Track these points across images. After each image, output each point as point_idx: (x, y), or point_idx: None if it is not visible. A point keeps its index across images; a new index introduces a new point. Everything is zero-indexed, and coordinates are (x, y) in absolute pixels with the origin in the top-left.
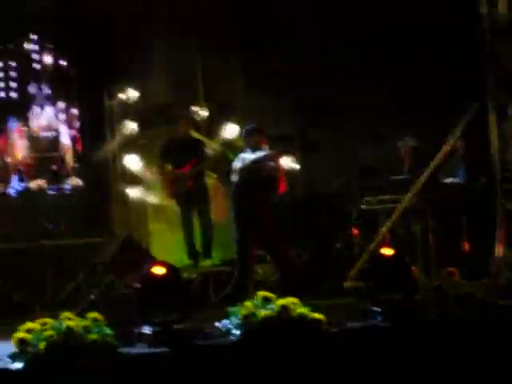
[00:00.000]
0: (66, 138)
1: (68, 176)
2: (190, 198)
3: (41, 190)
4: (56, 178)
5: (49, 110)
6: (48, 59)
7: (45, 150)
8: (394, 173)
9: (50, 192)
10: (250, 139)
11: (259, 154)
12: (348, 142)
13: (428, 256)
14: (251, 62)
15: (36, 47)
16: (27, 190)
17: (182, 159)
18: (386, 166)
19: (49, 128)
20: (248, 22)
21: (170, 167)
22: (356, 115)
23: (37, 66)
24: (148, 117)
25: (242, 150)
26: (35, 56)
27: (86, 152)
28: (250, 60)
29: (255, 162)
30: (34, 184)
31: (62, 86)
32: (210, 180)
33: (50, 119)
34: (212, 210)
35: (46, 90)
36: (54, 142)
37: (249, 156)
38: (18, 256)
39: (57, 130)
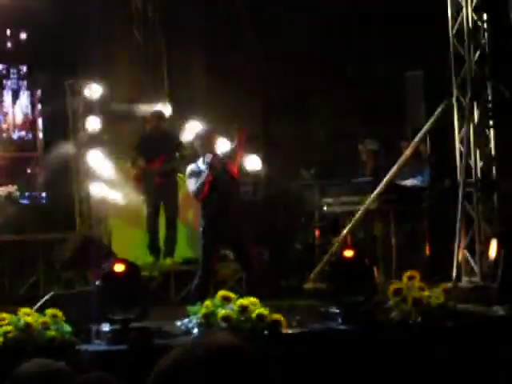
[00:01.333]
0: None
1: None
2: (157, 194)
3: (10, 199)
4: (29, 183)
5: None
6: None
7: (18, 150)
8: (356, 175)
9: (22, 201)
10: (205, 141)
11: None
12: (310, 142)
13: (389, 259)
14: (215, 60)
15: None
16: None
17: (154, 154)
18: (347, 168)
19: (24, 125)
20: (212, 19)
21: (141, 161)
22: (320, 115)
23: None
24: (111, 113)
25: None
26: None
27: (48, 148)
28: (214, 57)
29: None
30: (3, 191)
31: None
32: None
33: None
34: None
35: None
36: (30, 140)
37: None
38: None
39: (33, 127)
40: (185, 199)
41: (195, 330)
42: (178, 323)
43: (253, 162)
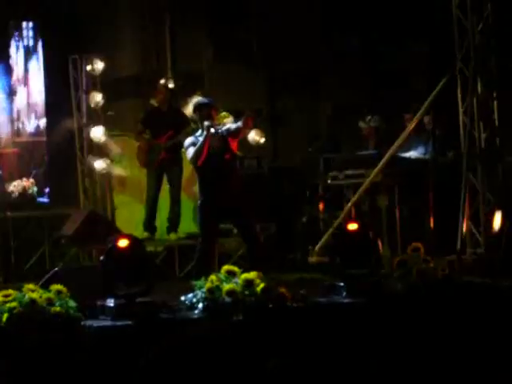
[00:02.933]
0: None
1: None
2: (161, 169)
3: (25, 195)
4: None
5: None
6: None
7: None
8: (361, 148)
9: (41, 200)
10: (204, 112)
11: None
12: (316, 115)
13: (393, 231)
14: (220, 33)
15: None
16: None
17: (160, 129)
18: (352, 141)
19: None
20: None
21: (147, 135)
22: (325, 89)
23: None
24: (115, 88)
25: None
26: None
27: (52, 124)
28: (219, 31)
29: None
30: (17, 186)
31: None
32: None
33: None
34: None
35: None
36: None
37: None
38: None
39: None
40: (190, 174)
41: (200, 305)
42: (183, 298)
43: (257, 136)
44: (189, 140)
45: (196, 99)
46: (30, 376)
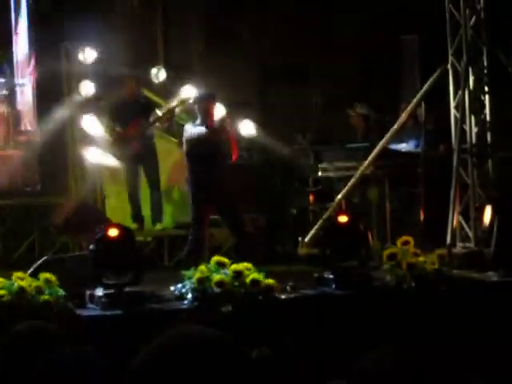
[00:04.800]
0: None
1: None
2: (137, 159)
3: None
4: None
5: None
6: None
7: None
8: (350, 140)
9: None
10: (200, 105)
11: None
12: (306, 107)
13: (384, 224)
14: (212, 24)
15: None
16: None
17: (128, 120)
18: (342, 133)
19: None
20: None
21: (118, 128)
22: (316, 80)
23: None
24: (107, 78)
25: (194, 117)
26: None
27: (42, 113)
28: (211, 21)
29: (205, 133)
30: None
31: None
32: (169, 144)
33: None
34: (166, 173)
35: None
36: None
37: (198, 128)
38: None
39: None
40: (178, 163)
41: (189, 295)
42: (172, 288)
43: (247, 128)
44: (186, 127)
45: (197, 91)
46: (20, 365)
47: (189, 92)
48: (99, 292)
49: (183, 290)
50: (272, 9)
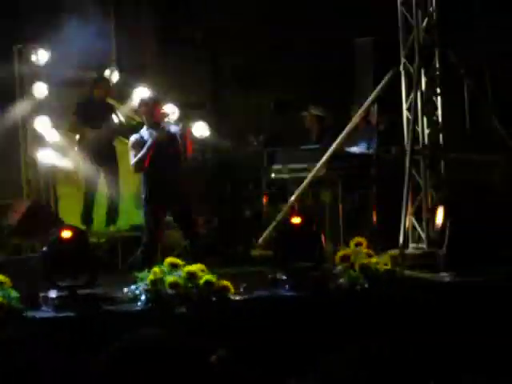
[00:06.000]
0: None
1: None
2: (98, 161)
3: None
4: None
5: None
6: None
7: None
8: (304, 142)
9: None
10: (146, 109)
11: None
12: (259, 109)
13: (337, 226)
14: (164, 25)
15: None
16: None
17: (93, 122)
18: (295, 135)
19: None
20: None
21: (82, 128)
22: (269, 82)
23: None
24: (59, 79)
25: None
26: None
27: None
28: (163, 23)
29: (156, 135)
30: None
31: None
32: (124, 146)
33: None
34: (122, 175)
35: None
36: None
37: (147, 132)
38: None
39: None
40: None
41: (142, 297)
42: (126, 290)
43: (201, 129)
44: (133, 138)
45: (144, 95)
46: None
47: (143, 94)
48: (52, 294)
49: (137, 292)
50: (222, 10)
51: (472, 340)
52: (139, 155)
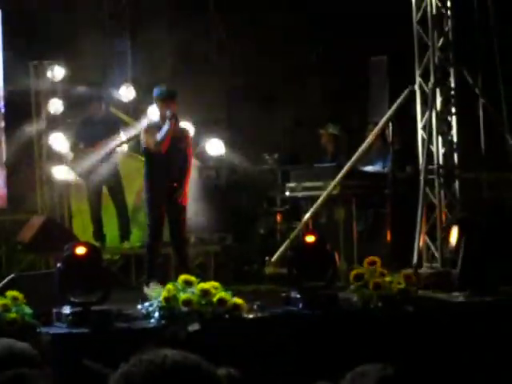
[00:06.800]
0: None
1: None
2: (99, 179)
3: None
4: None
5: None
6: None
7: None
8: (318, 160)
9: None
10: (162, 103)
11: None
12: (274, 127)
13: (350, 244)
14: (181, 43)
15: None
16: None
17: (93, 138)
18: (310, 153)
19: None
20: (177, 3)
21: (81, 145)
22: (284, 100)
23: None
24: (75, 96)
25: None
26: None
27: (10, 130)
28: (178, 41)
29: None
30: None
31: None
32: (138, 163)
33: None
34: (135, 192)
35: None
36: None
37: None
38: None
39: None
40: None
41: (156, 314)
42: (139, 307)
43: (216, 147)
44: (148, 123)
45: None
46: None
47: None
48: (66, 310)
49: (150, 309)
50: (238, 26)
51: (485, 360)
52: (161, 135)
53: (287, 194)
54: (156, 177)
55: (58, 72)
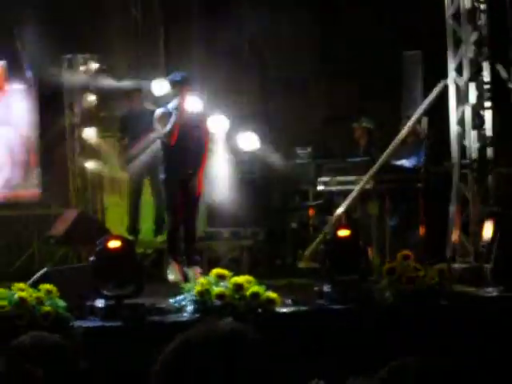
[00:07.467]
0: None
1: None
2: (143, 172)
3: None
4: None
5: None
6: None
7: None
8: (351, 154)
9: None
10: (174, 89)
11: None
12: (307, 120)
13: (384, 239)
14: (214, 35)
15: None
16: None
17: (138, 132)
18: (344, 147)
19: None
20: None
21: (126, 139)
22: (318, 94)
23: None
24: (108, 90)
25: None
26: None
27: (43, 124)
28: (213, 32)
29: (186, 122)
30: None
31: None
32: None
33: None
34: None
35: None
36: None
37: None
38: None
39: None
40: None
41: (189, 308)
42: (172, 300)
43: (250, 141)
44: (159, 111)
45: (172, 75)
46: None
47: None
48: (99, 303)
49: (183, 303)
50: (272, 21)
51: None
52: (168, 127)
53: (320, 188)
54: (170, 165)
55: (91, 65)
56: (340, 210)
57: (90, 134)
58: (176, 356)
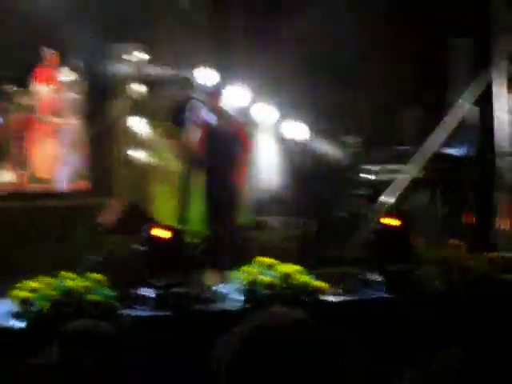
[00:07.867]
0: None
1: None
2: (196, 162)
3: None
4: None
5: None
6: None
7: None
8: (399, 143)
9: None
10: (207, 98)
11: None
12: (357, 109)
13: (434, 227)
14: (256, 23)
15: None
16: None
17: (183, 123)
18: (393, 136)
19: None
20: None
21: (178, 130)
22: (367, 82)
23: None
24: (156, 79)
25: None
26: None
27: (91, 113)
28: (255, 21)
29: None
30: None
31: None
32: None
33: None
34: None
35: None
36: None
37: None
38: (22, 216)
39: None
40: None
41: (238, 297)
42: (220, 289)
43: (300, 131)
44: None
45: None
46: (71, 363)
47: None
48: (147, 292)
49: (231, 291)
50: (316, 8)
51: None
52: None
53: (369, 176)
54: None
55: (140, 56)
56: (390, 199)
57: (136, 123)
58: (250, 345)
